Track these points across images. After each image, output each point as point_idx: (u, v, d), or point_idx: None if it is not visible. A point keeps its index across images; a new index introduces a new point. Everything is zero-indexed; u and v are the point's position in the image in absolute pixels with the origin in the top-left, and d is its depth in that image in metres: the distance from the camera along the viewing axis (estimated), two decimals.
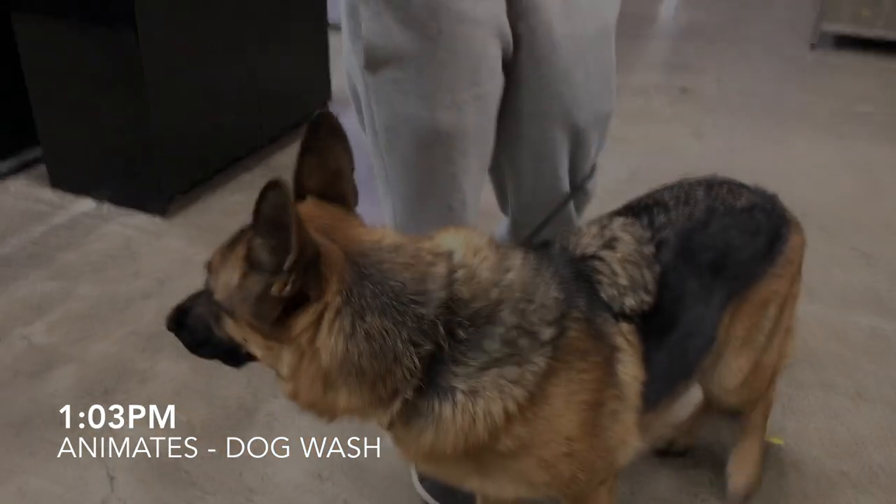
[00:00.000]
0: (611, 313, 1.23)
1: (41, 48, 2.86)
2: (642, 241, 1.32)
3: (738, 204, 1.48)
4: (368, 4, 1.35)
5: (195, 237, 2.82)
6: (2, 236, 2.79)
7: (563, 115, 1.56)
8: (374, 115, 1.49)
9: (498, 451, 1.16)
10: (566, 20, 1.45)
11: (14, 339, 2.32)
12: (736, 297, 1.47)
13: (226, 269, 1.09)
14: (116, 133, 2.89)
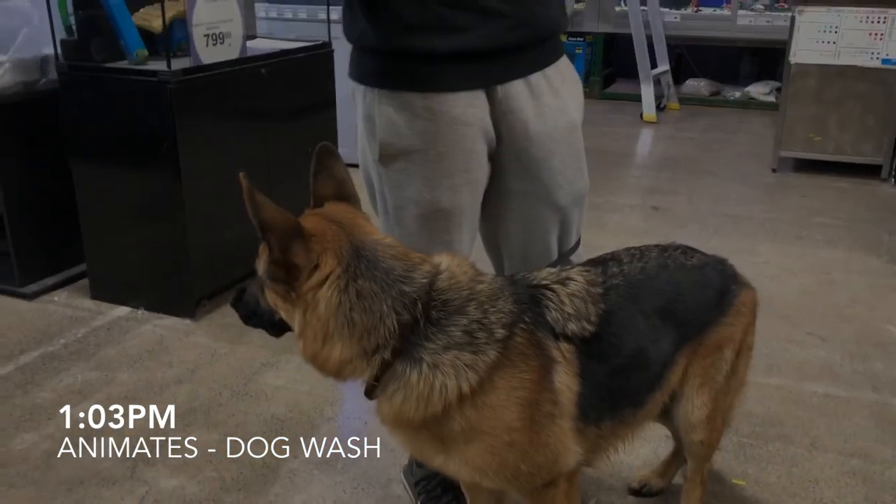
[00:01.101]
0: (551, 332, 1.51)
1: (93, 183, 3.32)
2: (592, 284, 1.61)
3: (689, 262, 1.78)
4: (381, 112, 1.77)
5: (219, 335, 3.16)
6: (49, 337, 3.13)
7: (546, 195, 1.89)
8: (387, 198, 1.87)
9: (453, 429, 1.45)
10: (538, 119, 1.82)
11: (62, 417, 2.62)
12: (691, 342, 1.74)
13: (262, 252, 1.43)
14: (153, 251, 3.30)
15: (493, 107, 1.78)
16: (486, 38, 1.68)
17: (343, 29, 1.80)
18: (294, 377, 2.85)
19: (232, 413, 2.64)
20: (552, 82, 1.84)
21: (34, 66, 3.31)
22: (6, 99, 3.26)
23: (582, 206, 1.99)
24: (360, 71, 1.80)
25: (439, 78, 1.71)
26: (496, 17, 1.68)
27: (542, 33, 1.78)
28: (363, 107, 1.80)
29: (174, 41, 3.25)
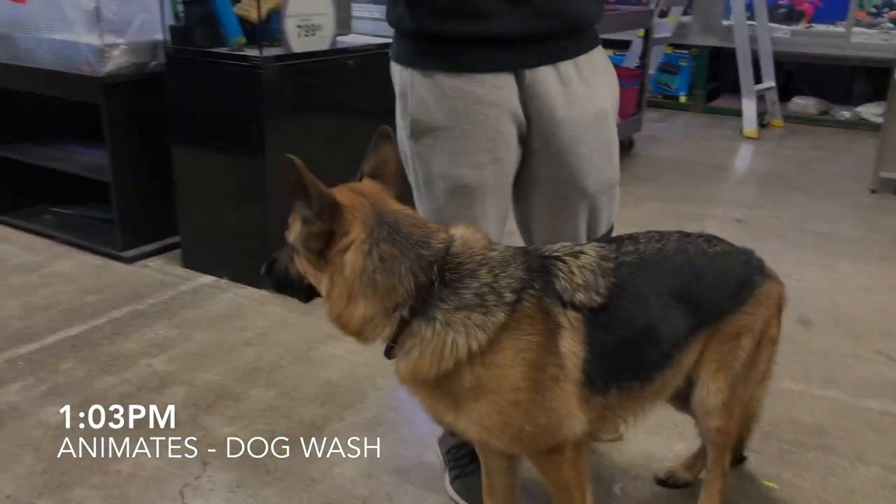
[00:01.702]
0: (559, 300, 1.59)
1: (189, 160, 3.60)
2: (604, 259, 1.68)
3: (710, 249, 1.82)
4: (413, 90, 1.90)
5: (291, 306, 3.30)
6: (140, 297, 3.42)
7: (574, 181, 1.99)
8: (417, 172, 2.00)
9: (463, 386, 1.55)
10: (567, 105, 1.92)
11: (141, 366, 2.87)
12: (708, 327, 1.79)
13: (293, 223, 1.58)
14: (239, 227, 3.55)
15: (522, 90, 1.88)
16: (512, 25, 1.79)
17: (386, 14, 1.94)
18: (353, 349, 2.95)
19: (290, 375, 2.83)
20: (583, 72, 1.92)
21: (146, 49, 3.62)
22: (121, 78, 3.58)
23: (612, 194, 2.07)
24: (397, 51, 1.94)
25: (466, 60, 1.83)
26: (524, 5, 1.78)
27: (571, 23, 1.87)
28: (399, 85, 1.94)
29: (270, 31, 3.49)
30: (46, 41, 3.65)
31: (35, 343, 3.00)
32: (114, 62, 3.51)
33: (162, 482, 2.26)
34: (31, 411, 2.58)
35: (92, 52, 3.49)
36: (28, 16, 3.68)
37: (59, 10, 3.53)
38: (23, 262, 3.75)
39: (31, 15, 3.67)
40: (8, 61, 3.81)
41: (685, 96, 7.82)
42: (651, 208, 4.77)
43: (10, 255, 3.83)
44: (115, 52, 3.50)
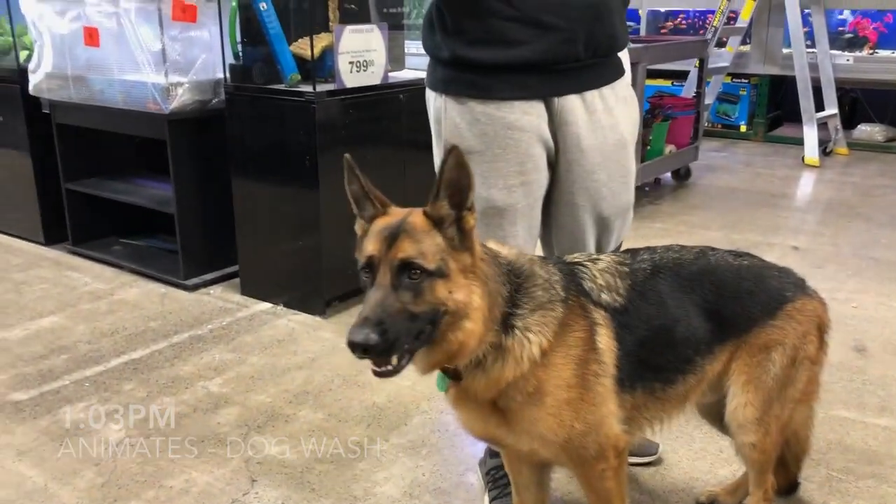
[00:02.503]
0: (590, 299, 1.68)
1: (248, 192, 3.76)
2: (620, 263, 1.77)
3: (735, 262, 1.85)
4: (447, 115, 1.98)
5: (343, 332, 3.39)
6: (200, 323, 3.56)
7: (591, 206, 2.06)
8: None
9: (523, 393, 1.59)
10: (591, 133, 1.99)
11: (197, 388, 2.99)
12: (734, 338, 1.81)
13: (426, 244, 1.46)
14: (294, 256, 3.68)
15: (552, 117, 1.95)
16: (541, 52, 1.86)
17: (422, 42, 2.03)
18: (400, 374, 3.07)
19: (339, 398, 2.91)
20: (607, 101, 1.98)
21: (208, 87, 3.81)
22: (185, 115, 3.77)
23: (626, 216, 2.13)
24: (432, 79, 2.02)
25: (496, 87, 1.90)
26: (552, 32, 1.85)
27: (598, 49, 1.93)
28: (433, 111, 2.02)
29: (325, 68, 3.64)
30: (117, 82, 3.88)
31: (100, 365, 3.16)
32: (178, 100, 3.70)
33: (211, 498, 2.35)
34: (93, 429, 2.71)
35: (158, 91, 3.69)
36: (101, 58, 3.93)
37: (129, 52, 3.75)
38: (92, 290, 3.95)
39: (103, 57, 3.91)
40: (82, 101, 4.06)
41: (745, 125, 7.75)
42: (706, 236, 4.74)
43: (81, 283, 4.04)
44: (179, 91, 3.70)
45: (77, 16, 3.92)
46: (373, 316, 1.40)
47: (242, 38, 3.61)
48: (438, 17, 1.93)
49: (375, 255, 1.48)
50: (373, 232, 1.53)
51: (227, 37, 3.67)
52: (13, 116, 4.47)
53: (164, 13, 3.59)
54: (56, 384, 3.02)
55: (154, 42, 3.65)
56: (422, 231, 1.49)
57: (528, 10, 1.84)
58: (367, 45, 3.58)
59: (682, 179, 6.18)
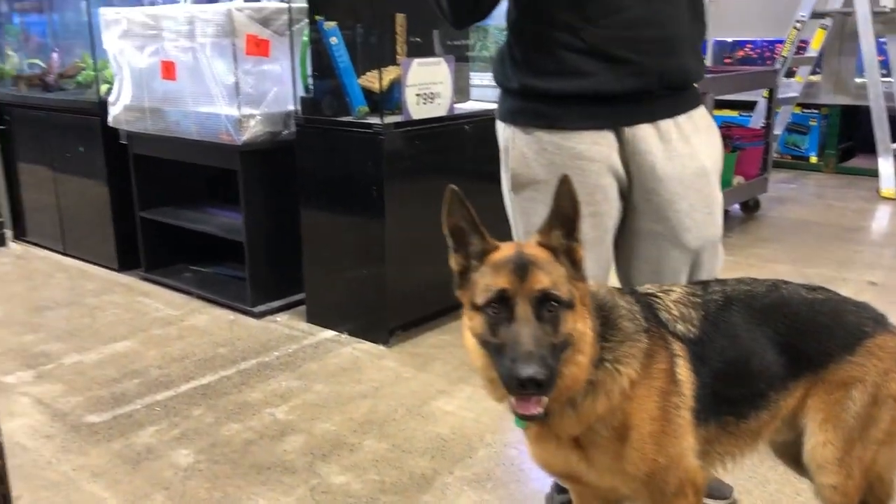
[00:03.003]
0: (667, 329, 1.66)
1: (315, 222, 3.82)
2: (692, 295, 1.74)
3: (809, 295, 1.79)
4: (514, 145, 1.98)
5: (406, 361, 3.47)
6: (267, 350, 3.61)
7: (674, 236, 2.01)
8: (518, 223, 2.07)
9: (609, 426, 1.57)
10: (667, 162, 1.95)
11: (264, 415, 3.03)
12: (810, 373, 1.75)
13: (556, 274, 1.48)
14: (359, 285, 3.71)
15: (623, 146, 1.92)
16: (609, 83, 1.84)
17: (493, 74, 2.04)
18: (464, 405, 3.07)
19: (403, 428, 2.91)
20: (683, 130, 1.95)
21: (279, 119, 3.90)
22: (256, 146, 3.86)
23: (715, 252, 2.06)
24: (501, 109, 2.03)
25: (564, 117, 1.89)
26: (622, 65, 1.83)
27: (670, 82, 1.90)
28: (501, 141, 2.02)
29: (393, 100, 3.69)
30: (192, 114, 4.00)
31: (171, 391, 3.23)
32: (250, 131, 3.79)
33: None
34: (163, 453, 2.76)
35: (231, 123, 3.79)
36: (177, 91, 4.06)
37: (204, 85, 3.87)
38: (164, 316, 4.05)
39: (179, 90, 4.05)
40: (158, 132, 4.20)
41: (815, 156, 7.56)
42: (777, 270, 4.62)
43: (152, 309, 4.14)
44: (251, 123, 3.79)
45: (155, 50, 4.07)
46: (536, 350, 1.38)
47: (313, 71, 3.69)
48: (509, 49, 1.94)
49: (509, 289, 1.46)
50: (495, 266, 1.51)
51: (299, 70, 3.76)
52: (92, 147, 4.65)
53: (238, 48, 3.70)
54: (129, 408, 3.09)
55: (228, 75, 3.76)
56: (547, 262, 1.50)
57: (597, 43, 1.83)
58: (433, 77, 3.62)
59: (750, 211, 6.06)
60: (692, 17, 1.94)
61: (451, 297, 1.61)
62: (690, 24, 1.94)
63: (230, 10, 3.68)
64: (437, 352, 3.56)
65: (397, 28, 3.83)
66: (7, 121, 5.25)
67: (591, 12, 1.82)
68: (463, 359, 3.45)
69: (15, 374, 3.40)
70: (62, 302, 4.28)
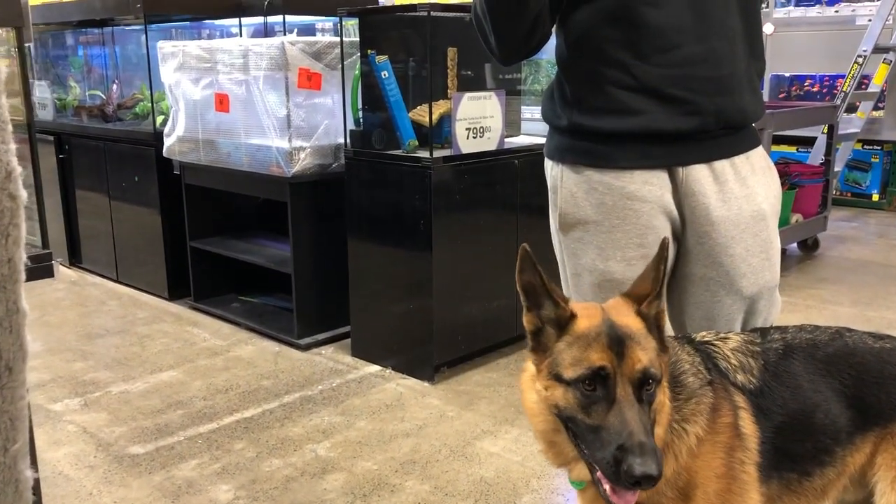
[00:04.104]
0: (728, 380, 1.57)
1: (362, 255, 3.80)
2: (750, 343, 1.66)
3: (876, 344, 1.69)
4: (563, 184, 1.92)
5: (451, 399, 3.40)
6: (311, 384, 3.58)
7: (729, 282, 1.90)
8: (566, 265, 2.00)
9: (673, 488, 1.49)
10: (722, 204, 1.86)
11: (306, 451, 2.99)
12: (879, 427, 1.64)
13: (651, 350, 1.40)
14: (405, 319, 3.67)
15: (676, 187, 1.85)
16: (661, 122, 1.77)
17: (541, 112, 1.99)
18: (509, 447, 2.98)
19: (446, 470, 2.83)
20: (739, 171, 1.86)
21: (329, 152, 3.91)
22: (305, 178, 3.88)
23: (772, 299, 1.96)
24: (550, 147, 1.97)
25: (615, 156, 1.82)
26: (675, 104, 1.76)
27: (727, 122, 1.82)
28: (550, 179, 1.96)
29: (442, 134, 3.67)
30: (244, 145, 4.04)
31: (214, 423, 3.21)
32: (300, 164, 3.81)
33: None
34: (203, 487, 2.74)
35: (282, 155, 3.81)
36: (230, 123, 4.11)
37: (257, 117, 3.91)
38: (210, 346, 4.06)
39: (232, 122, 4.09)
40: (210, 163, 4.24)
41: (878, 194, 7.32)
42: (838, 313, 4.44)
43: (200, 339, 4.16)
44: (301, 155, 3.81)
45: (210, 83, 4.13)
46: (648, 442, 1.31)
47: (363, 105, 3.69)
48: (559, 85, 1.89)
49: (608, 367, 1.39)
50: (585, 338, 1.43)
51: (350, 103, 3.77)
52: (147, 177, 4.73)
53: (290, 81, 3.73)
54: (171, 439, 3.08)
55: (280, 108, 3.78)
56: (643, 335, 1.43)
57: (649, 81, 1.77)
58: (483, 111, 3.59)
59: (809, 250, 5.87)
60: (750, 53, 1.87)
61: (497, 335, 1.59)
62: (748, 61, 1.86)
63: (283, 43, 3.72)
64: (482, 390, 3.49)
65: (448, 62, 3.81)
66: (67, 150, 5.38)
67: (643, 49, 1.76)
68: (509, 399, 3.37)
69: (63, 402, 3.43)
70: (113, 330, 4.33)
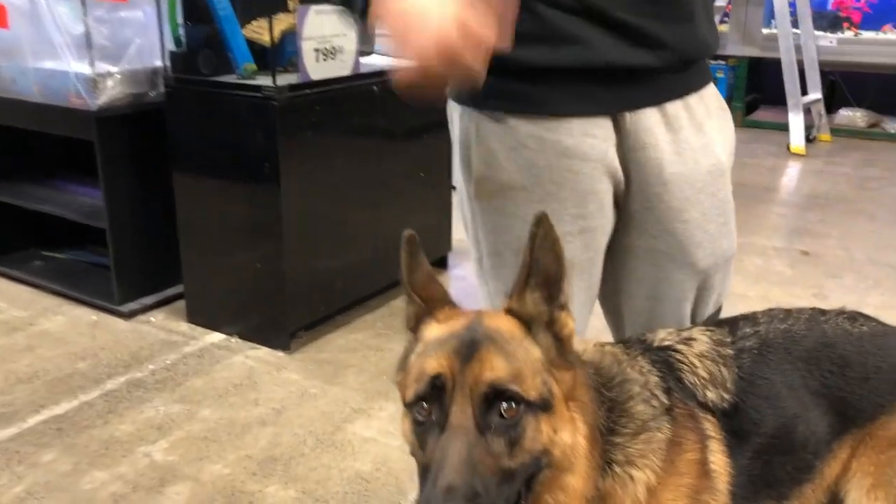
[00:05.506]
0: (695, 400, 1.24)
1: (193, 201, 3.18)
2: (720, 344, 1.33)
3: (855, 330, 1.43)
4: (479, 139, 1.45)
5: (312, 371, 2.93)
6: (139, 362, 2.99)
7: (681, 255, 1.54)
8: (481, 242, 1.55)
9: None
10: (677, 158, 1.47)
11: (137, 455, 2.44)
12: (857, 430, 1.39)
13: (522, 359, 1.03)
14: (250, 274, 3.12)
15: (621, 139, 1.44)
16: (610, 55, 1.34)
17: None
18: (386, 429, 2.57)
19: (314, 467, 2.38)
20: (695, 114, 1.48)
21: (144, 78, 3.21)
22: (116, 111, 3.18)
23: (727, 270, 1.62)
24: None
25: (551, 99, 1.38)
26: (626, 32, 1.34)
27: (685, 56, 1.43)
28: (459, 131, 1.49)
29: (285, 55, 3.07)
30: (31, 70, 3.25)
31: (13, 427, 2.57)
32: (108, 93, 3.10)
33: None
34: None
35: (82, 83, 3.08)
36: (11, 41, 3.28)
37: (45, 35, 3.13)
38: (7, 320, 3.32)
39: (14, 40, 3.27)
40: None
41: None
42: None
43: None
44: (108, 83, 3.10)
45: None
46: (461, 483, 0.93)
47: (185, 19, 3.02)
48: None
49: (445, 376, 0.99)
50: (432, 341, 1.05)
51: (166, 18, 3.06)
52: None
53: None
54: None
55: (75, 23, 3.03)
56: (512, 339, 1.04)
57: (595, 1, 1.33)
58: (335, 28, 3.01)
59: None
60: None
61: (361, 288, 1.22)
62: None
63: None
64: (348, 357, 3.03)
65: None
66: None
67: None
68: (380, 365, 2.95)
69: None
70: None
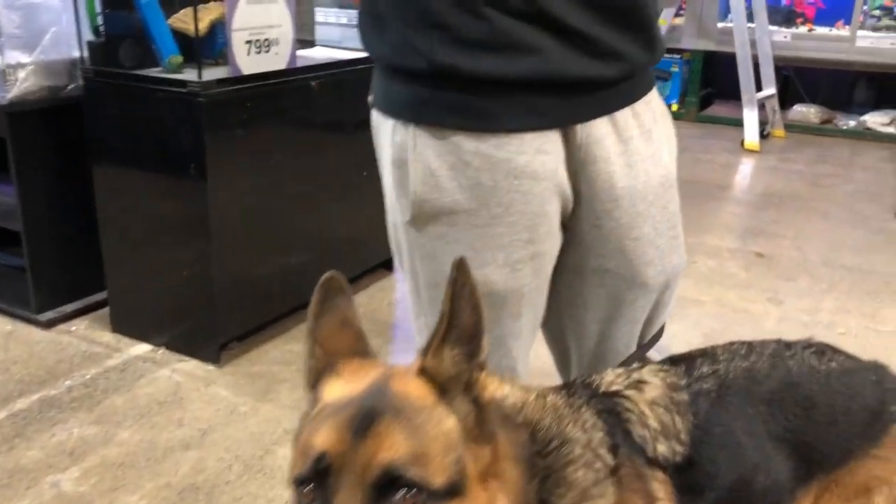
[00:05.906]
0: (643, 457, 1.10)
1: (115, 203, 2.96)
2: (674, 388, 1.20)
3: (822, 366, 1.31)
4: (417, 156, 1.29)
5: (243, 386, 2.74)
6: (54, 377, 2.76)
7: (631, 274, 1.42)
8: (418, 271, 1.40)
9: None
10: (628, 171, 1.34)
11: (44, 486, 2.23)
12: (821, 477, 1.27)
13: (430, 435, 0.87)
14: (178, 280, 2.91)
15: (571, 154, 1.30)
16: (570, 66, 1.20)
17: (363, 41, 1.33)
18: None
19: (239, 496, 2.20)
20: (643, 121, 1.35)
21: (62, 70, 2.96)
22: (30, 105, 2.92)
23: (674, 285, 1.50)
24: (388, 99, 1.32)
25: (501, 113, 1.23)
26: (582, 42, 1.19)
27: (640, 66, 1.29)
28: (392, 148, 1.33)
29: (216, 47, 2.86)
30: None
31: None
32: (19, 86, 2.84)
33: None
34: None
35: None
36: None
37: None
38: None
39: None
40: None
41: (677, 104, 7.27)
42: None
43: None
44: (20, 74, 2.84)
45: None
46: None
47: (104, 6, 2.78)
48: (395, 5, 1.22)
49: (331, 455, 0.84)
50: (328, 406, 0.90)
51: (84, 4, 2.82)
52: None
53: None
54: None
55: None
56: (422, 408, 0.89)
57: (548, 5, 1.17)
58: (269, 19, 2.81)
59: None
60: None
61: (297, 296, 1.06)
62: None
63: None
64: (282, 370, 2.84)
65: None
66: None
67: None
68: None
69: None
70: None
